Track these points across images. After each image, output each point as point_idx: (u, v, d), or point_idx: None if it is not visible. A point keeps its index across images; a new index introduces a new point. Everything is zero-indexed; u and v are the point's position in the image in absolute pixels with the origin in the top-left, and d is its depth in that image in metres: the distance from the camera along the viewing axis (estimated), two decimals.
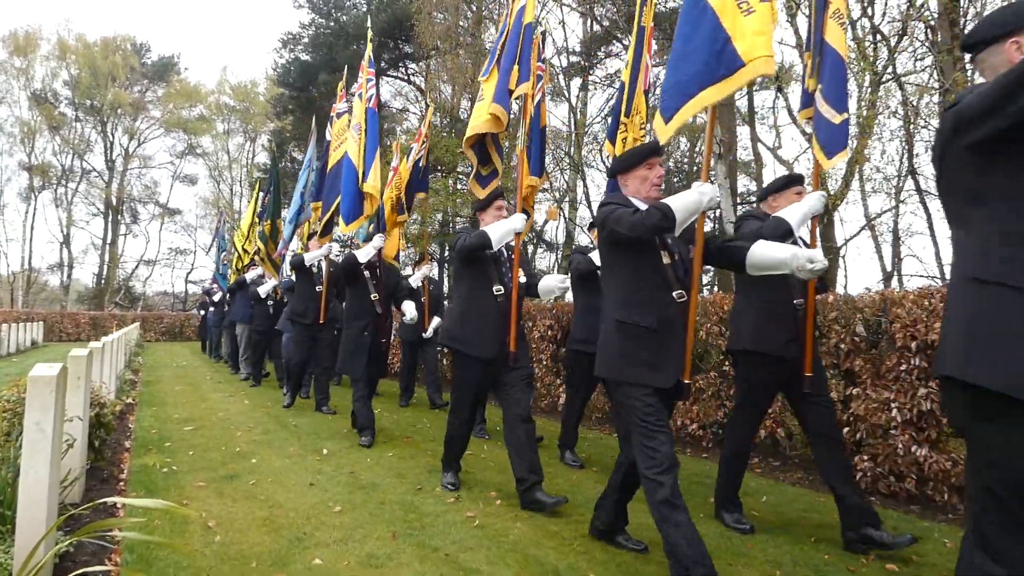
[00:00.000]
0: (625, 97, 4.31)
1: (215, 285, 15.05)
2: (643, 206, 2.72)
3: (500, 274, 3.86)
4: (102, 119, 34.81)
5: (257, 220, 11.76)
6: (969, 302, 1.61)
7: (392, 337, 8.93)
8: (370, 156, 6.05)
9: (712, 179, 2.43)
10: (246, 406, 7.36)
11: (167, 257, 38.09)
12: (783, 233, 3.01)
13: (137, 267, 37.11)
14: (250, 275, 10.21)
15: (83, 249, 37.70)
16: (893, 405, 3.95)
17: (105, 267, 34.85)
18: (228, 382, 10.01)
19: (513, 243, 3.92)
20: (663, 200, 2.60)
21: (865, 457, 4.10)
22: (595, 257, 4.42)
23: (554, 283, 3.89)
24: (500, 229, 3.77)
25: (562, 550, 2.96)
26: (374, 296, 5.50)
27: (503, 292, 3.81)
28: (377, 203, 6.03)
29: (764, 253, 2.63)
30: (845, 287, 19.05)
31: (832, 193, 9.72)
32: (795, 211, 3.12)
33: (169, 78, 36.79)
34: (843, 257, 17.32)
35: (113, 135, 35.81)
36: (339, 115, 7.31)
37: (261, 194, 11.76)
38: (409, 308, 5.64)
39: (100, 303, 32.70)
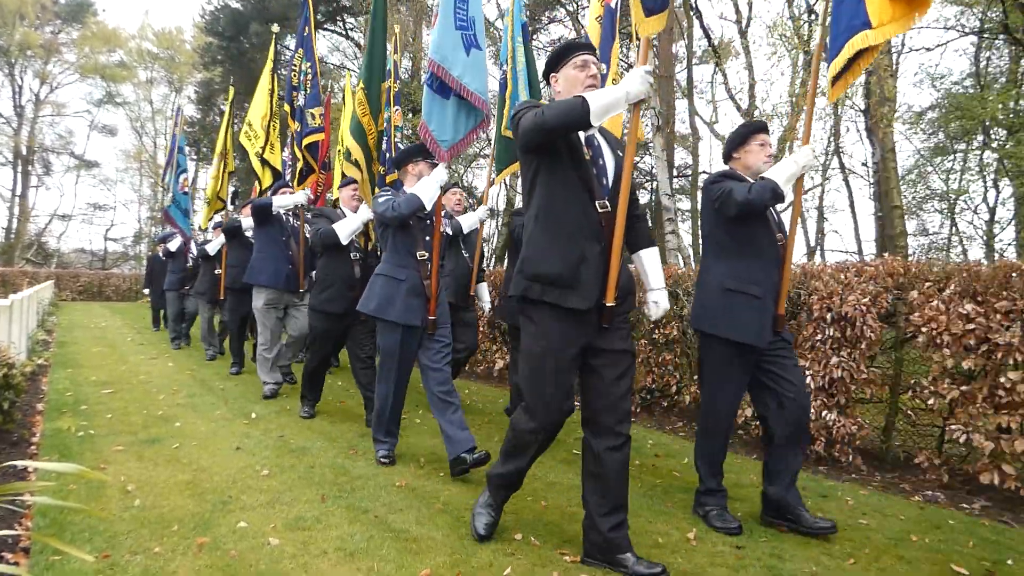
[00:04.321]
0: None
1: (175, 229, 9.53)
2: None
3: None
4: (9, 61, 31.99)
5: (279, 101, 7.21)
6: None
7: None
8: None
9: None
10: (170, 368, 7.10)
11: (84, 212, 35.82)
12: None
13: (51, 222, 34.78)
14: (282, 200, 5.62)
15: None
16: (808, 373, 4.16)
17: (15, 221, 32.54)
18: (151, 343, 9.60)
19: None
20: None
21: None
22: None
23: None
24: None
25: None
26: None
27: None
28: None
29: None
30: None
31: None
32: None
33: (84, 19, 34.04)
34: None
35: (22, 78, 33.00)
36: None
37: (303, 46, 6.37)
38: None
39: (9, 259, 30.54)
